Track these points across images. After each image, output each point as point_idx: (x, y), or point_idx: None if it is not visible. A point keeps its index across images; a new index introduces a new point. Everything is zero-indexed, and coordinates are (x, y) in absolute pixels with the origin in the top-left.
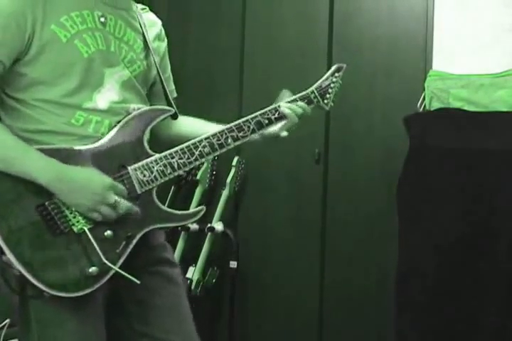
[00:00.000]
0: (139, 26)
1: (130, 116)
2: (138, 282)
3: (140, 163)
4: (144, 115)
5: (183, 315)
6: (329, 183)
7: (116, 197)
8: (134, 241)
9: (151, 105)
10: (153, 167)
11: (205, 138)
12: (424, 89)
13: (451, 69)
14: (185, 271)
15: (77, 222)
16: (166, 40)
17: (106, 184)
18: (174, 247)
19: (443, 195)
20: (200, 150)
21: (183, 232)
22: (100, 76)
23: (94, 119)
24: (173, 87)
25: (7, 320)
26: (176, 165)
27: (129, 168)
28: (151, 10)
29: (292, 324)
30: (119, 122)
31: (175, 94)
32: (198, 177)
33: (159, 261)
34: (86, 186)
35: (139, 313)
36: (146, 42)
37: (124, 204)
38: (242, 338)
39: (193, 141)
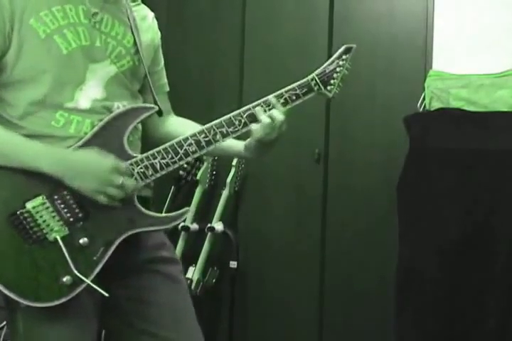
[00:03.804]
0: (127, 20)
1: (111, 115)
2: (106, 295)
3: None
4: (126, 114)
5: (183, 312)
6: (329, 183)
7: (122, 178)
8: (113, 247)
9: (143, 98)
10: (134, 169)
11: (191, 136)
12: (424, 89)
13: (451, 69)
14: (185, 271)
15: (51, 230)
16: (159, 32)
17: (109, 165)
18: (174, 247)
19: (443, 195)
20: (185, 149)
21: (183, 232)
22: (82, 72)
23: (75, 120)
24: (166, 80)
25: None
26: (158, 166)
27: None
28: (150, 10)
29: (292, 324)
30: (93, 123)
31: (167, 88)
32: (198, 177)
33: (157, 259)
34: (89, 168)
35: (138, 311)
36: (136, 36)
37: (131, 184)
38: (242, 338)
39: (177, 140)
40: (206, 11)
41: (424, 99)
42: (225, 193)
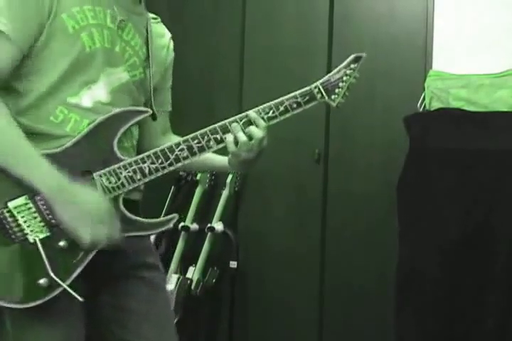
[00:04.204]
0: (146, 34)
1: (103, 117)
2: (81, 299)
3: (107, 169)
4: (118, 116)
5: (162, 320)
6: (329, 183)
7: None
8: (94, 252)
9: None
10: (121, 173)
11: (184, 141)
12: (424, 89)
13: (451, 69)
14: (185, 271)
15: (31, 231)
16: (173, 53)
17: (105, 207)
18: (174, 247)
19: (443, 195)
20: (176, 154)
21: (183, 232)
22: (96, 73)
23: (74, 118)
24: (170, 100)
25: None
26: (147, 171)
27: (94, 174)
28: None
29: (292, 324)
30: (89, 124)
31: (170, 108)
32: (198, 177)
33: (141, 265)
34: (85, 204)
35: (118, 318)
36: (149, 50)
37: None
38: (242, 338)
39: (168, 144)
40: (206, 12)
41: (424, 99)
42: (225, 193)
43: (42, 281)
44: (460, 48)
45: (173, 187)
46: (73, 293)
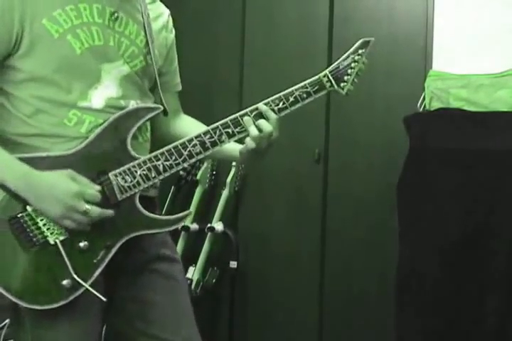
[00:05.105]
0: (141, 18)
1: (114, 116)
2: (104, 299)
3: (122, 168)
4: (130, 115)
5: (182, 312)
6: (329, 183)
7: (86, 206)
8: (114, 250)
9: (154, 98)
10: (136, 171)
11: (196, 137)
12: (424, 89)
13: (451, 69)
14: (185, 271)
15: (51, 233)
16: (173, 31)
17: (72, 191)
18: None
19: (443, 195)
20: (189, 150)
21: (183, 232)
22: (97, 72)
23: (88, 119)
24: (179, 80)
25: (7, 320)
26: (161, 168)
27: (110, 174)
28: None
29: (292, 324)
30: (102, 124)
31: (179, 88)
32: (198, 177)
33: (157, 258)
34: (52, 193)
35: (139, 312)
36: (148, 36)
37: (95, 211)
38: (242, 338)
39: (181, 141)
40: (206, 12)
41: (424, 99)
42: (225, 193)
43: (65, 282)
44: (460, 48)
45: (173, 187)
46: (96, 293)
